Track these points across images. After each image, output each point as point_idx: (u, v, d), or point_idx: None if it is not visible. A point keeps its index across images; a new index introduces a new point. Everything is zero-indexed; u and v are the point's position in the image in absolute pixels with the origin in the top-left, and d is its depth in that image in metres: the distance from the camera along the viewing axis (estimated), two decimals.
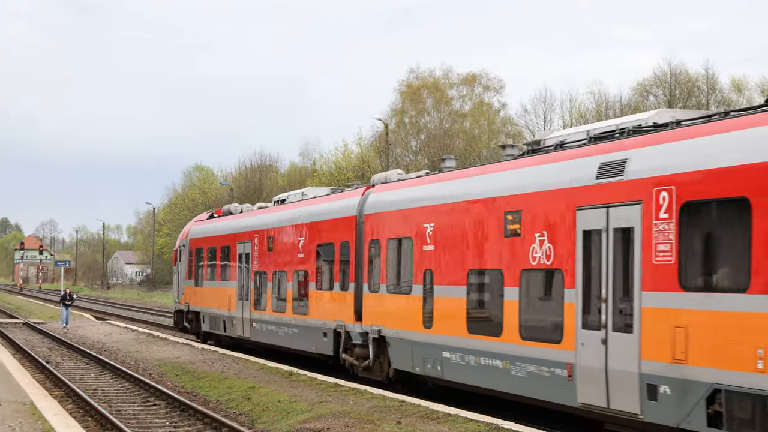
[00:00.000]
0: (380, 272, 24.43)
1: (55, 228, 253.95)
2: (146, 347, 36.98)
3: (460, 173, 22.39)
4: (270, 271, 32.12)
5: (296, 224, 30.32)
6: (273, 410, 20.22)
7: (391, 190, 24.99)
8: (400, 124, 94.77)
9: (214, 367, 28.88)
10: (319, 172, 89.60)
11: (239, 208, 38.65)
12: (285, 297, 30.68)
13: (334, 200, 28.37)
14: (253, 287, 33.41)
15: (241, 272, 34.68)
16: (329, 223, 27.83)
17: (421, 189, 23.31)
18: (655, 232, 15.10)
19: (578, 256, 16.88)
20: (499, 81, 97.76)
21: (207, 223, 40.75)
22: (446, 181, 22.36)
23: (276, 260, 31.68)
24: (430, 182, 23.34)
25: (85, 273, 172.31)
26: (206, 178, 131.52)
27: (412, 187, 24.00)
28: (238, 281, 34.86)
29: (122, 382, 27.07)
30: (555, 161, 18.36)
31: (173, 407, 21.98)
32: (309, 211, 29.81)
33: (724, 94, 76.46)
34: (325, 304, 27.73)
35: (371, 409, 19.25)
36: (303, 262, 29.50)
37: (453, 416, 18.18)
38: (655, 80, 77.12)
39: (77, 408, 21.97)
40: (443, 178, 22.82)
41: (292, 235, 30.56)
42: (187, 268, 41.48)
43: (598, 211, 16.46)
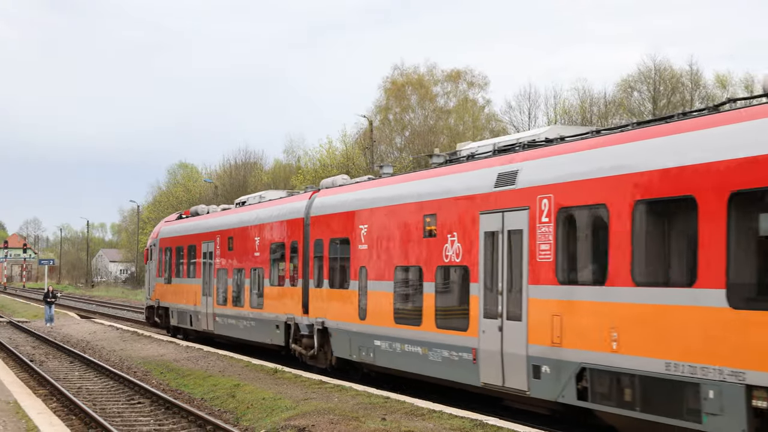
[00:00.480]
0: (323, 269, 26.98)
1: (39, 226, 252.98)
2: (130, 345, 36.92)
3: (391, 180, 25.07)
4: (230, 269, 34.53)
5: (253, 225, 32.80)
6: (258, 408, 20.22)
7: (333, 194, 27.48)
8: (384, 121, 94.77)
9: (199, 364, 28.86)
10: (303, 170, 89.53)
11: (206, 210, 40.93)
12: (243, 293, 33.11)
13: (285, 203, 30.89)
14: (216, 284, 35.83)
15: (205, 270, 37.01)
16: (281, 225, 30.30)
17: (357, 194, 25.76)
18: (538, 234, 17.77)
19: (480, 254, 19.51)
20: (484, 77, 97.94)
21: (175, 223, 43.32)
22: (378, 187, 24.95)
23: (235, 259, 34.15)
24: (365, 188, 25.80)
25: (69, 271, 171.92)
26: (190, 176, 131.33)
27: (350, 192, 26.43)
28: (203, 278, 37.24)
29: (106, 380, 27.03)
30: (464, 171, 21.00)
31: (158, 405, 21.96)
32: (264, 213, 32.24)
33: (708, 89, 76.64)
34: (277, 299, 30.21)
35: (356, 406, 19.27)
36: (259, 261, 32.01)
37: (437, 412, 18.21)
38: (639, 76, 77.30)
39: (61, 406, 21.93)
40: (377, 183, 25.42)
41: (249, 235, 33.02)
42: (157, 267, 44.01)
43: (495, 215, 19.16)
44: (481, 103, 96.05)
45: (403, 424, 17.08)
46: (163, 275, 43.03)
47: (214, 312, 35.85)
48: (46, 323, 50.08)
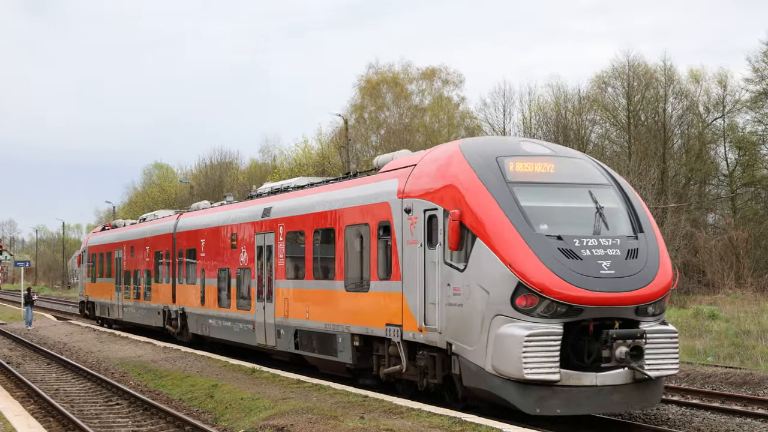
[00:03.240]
0: (184, 270, 36.71)
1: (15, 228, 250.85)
2: (108, 346, 36.85)
3: (218, 208, 35.27)
4: (132, 270, 44.49)
5: (143, 237, 43.08)
6: (236, 407, 20.24)
7: (190, 216, 37.60)
8: (359, 120, 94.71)
9: (176, 365, 28.84)
10: (279, 169, 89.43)
11: (123, 223, 51.62)
12: (140, 288, 43.12)
13: (162, 221, 41.39)
14: (123, 282, 45.99)
15: (116, 271, 47.32)
16: (158, 237, 40.50)
17: (201, 217, 35.90)
18: (279, 247, 27.38)
19: (255, 260, 29.22)
20: (459, 75, 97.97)
21: (100, 234, 53.93)
22: (211, 213, 35.16)
23: (134, 262, 44.13)
24: (206, 213, 36.05)
25: (45, 273, 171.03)
26: (166, 176, 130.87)
27: (197, 215, 36.74)
28: (115, 278, 47.39)
29: (84, 381, 26.97)
30: (249, 205, 31.06)
31: (136, 406, 21.94)
32: (149, 228, 42.64)
33: (682, 85, 76.99)
34: (158, 293, 40.20)
35: (334, 405, 19.33)
36: (148, 264, 41.86)
37: (416, 410, 18.28)
38: (613, 72, 77.53)
39: (39, 408, 21.88)
40: (211, 210, 35.85)
41: (141, 244, 43.22)
42: (86, 269, 54.54)
43: (260, 235, 28.93)
44: (456, 101, 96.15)
45: (382, 422, 17.14)
46: (90, 276, 53.55)
47: (123, 304, 46.20)
48: (27, 327, 49.69)
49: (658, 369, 17.94)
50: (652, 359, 17.81)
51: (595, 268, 17.68)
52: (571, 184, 19.35)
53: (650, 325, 18.04)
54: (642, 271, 18.07)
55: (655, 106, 76.16)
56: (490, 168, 18.98)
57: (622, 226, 18.93)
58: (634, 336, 17.50)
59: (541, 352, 17.23)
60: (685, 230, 64.60)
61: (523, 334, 17.21)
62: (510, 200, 18.36)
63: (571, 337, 17.68)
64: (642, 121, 76.13)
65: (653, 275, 18.13)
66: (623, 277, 17.80)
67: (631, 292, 17.71)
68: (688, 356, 29.71)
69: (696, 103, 76.80)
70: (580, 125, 78.82)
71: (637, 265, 18.13)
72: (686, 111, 76.76)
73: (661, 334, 18.10)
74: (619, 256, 18.07)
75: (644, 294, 17.84)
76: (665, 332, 18.21)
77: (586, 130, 79.23)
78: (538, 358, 17.21)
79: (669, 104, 76.09)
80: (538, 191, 18.95)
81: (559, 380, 17.35)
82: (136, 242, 43.79)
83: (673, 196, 69.85)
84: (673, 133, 76.53)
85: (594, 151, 78.30)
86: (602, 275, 17.62)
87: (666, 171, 72.48)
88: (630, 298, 17.70)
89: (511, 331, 17.44)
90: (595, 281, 17.50)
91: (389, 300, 21.13)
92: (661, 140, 74.04)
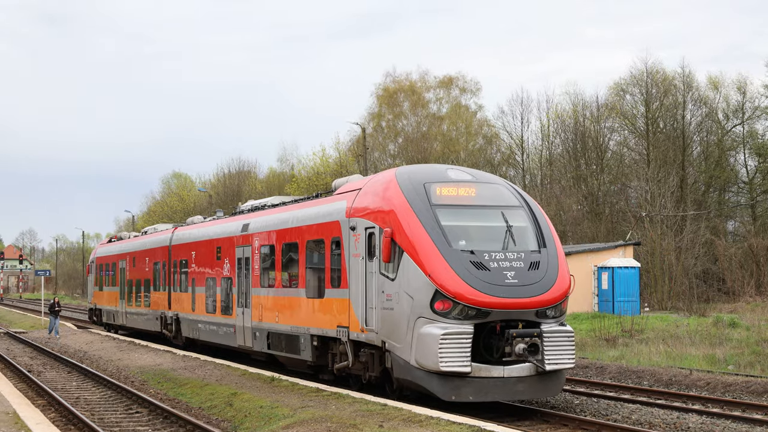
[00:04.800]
0: (177, 279, 39.76)
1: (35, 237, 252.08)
2: (128, 355, 36.96)
3: (207, 223, 38.27)
4: (134, 280, 47.27)
5: (144, 249, 46.04)
6: (255, 416, 20.28)
7: (184, 230, 40.63)
8: (377, 128, 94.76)
9: (196, 373, 28.91)
10: (297, 178, 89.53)
11: (128, 235, 54.60)
12: (140, 296, 46.11)
13: (159, 235, 44.51)
14: (126, 290, 48.96)
15: (121, 281, 50.24)
16: (156, 249, 43.68)
17: (192, 231, 38.88)
18: (254, 259, 30.47)
19: (235, 270, 32.16)
20: (476, 83, 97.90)
21: (107, 245, 57.17)
22: (201, 228, 37.99)
23: (136, 272, 47.02)
24: (197, 227, 38.77)
25: (65, 282, 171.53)
26: (184, 185, 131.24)
27: (189, 229, 39.61)
28: (120, 287, 50.43)
29: (104, 390, 27.07)
30: (231, 221, 34.11)
31: (156, 415, 22.01)
32: (149, 240, 45.85)
33: (701, 91, 76.71)
34: (156, 300, 43.14)
35: (353, 414, 19.34)
36: (147, 274, 44.93)
37: (435, 419, 18.29)
38: (631, 79, 77.37)
39: (60, 416, 21.97)
40: (202, 225, 38.56)
41: (143, 255, 46.13)
42: (94, 278, 58.03)
43: (240, 248, 31.89)
44: (474, 109, 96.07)
45: (401, 431, 17.14)
46: (98, 285, 56.90)
47: (126, 310, 49.18)
48: (55, 335, 49.39)
49: (556, 363, 20.76)
50: (550, 355, 20.66)
51: (501, 277, 20.60)
52: (488, 206, 22.26)
53: (549, 326, 20.88)
54: (542, 281, 20.94)
55: (673, 113, 75.92)
56: (417, 192, 21.97)
57: (528, 242, 21.83)
58: (531, 335, 20.45)
59: (455, 348, 20.15)
60: (704, 238, 64.36)
61: (439, 333, 20.18)
62: (432, 220, 21.33)
63: (483, 336, 20.58)
64: (661, 128, 75.89)
65: (552, 284, 21.02)
66: (525, 285, 20.70)
67: (532, 298, 20.63)
68: (709, 365, 29.60)
69: (715, 109, 76.54)
70: (598, 133, 78.66)
71: (538, 275, 20.99)
72: (705, 118, 76.49)
73: (558, 333, 20.93)
74: (522, 267, 20.97)
75: (543, 299, 20.75)
76: (562, 332, 21.03)
77: (604, 137, 79.08)
78: (452, 354, 20.12)
79: (688, 111, 75.86)
80: (458, 212, 21.94)
81: (470, 372, 20.21)
82: (138, 254, 46.99)
83: (693, 204, 69.63)
84: (692, 140, 76.27)
85: (612, 158, 78.21)
86: (507, 284, 20.56)
87: (685, 178, 72.26)
88: (530, 303, 20.61)
89: (430, 331, 20.38)
90: (500, 289, 20.43)
91: (339, 305, 24.28)
92: (680, 147, 73.80)
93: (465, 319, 20.35)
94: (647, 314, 47.98)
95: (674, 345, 33.77)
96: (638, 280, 51.30)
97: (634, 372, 28.91)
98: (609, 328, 38.79)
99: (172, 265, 40.51)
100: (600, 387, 26.58)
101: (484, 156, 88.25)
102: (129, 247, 49.58)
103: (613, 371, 29.53)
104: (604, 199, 75.90)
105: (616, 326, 39.29)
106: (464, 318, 20.35)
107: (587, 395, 24.77)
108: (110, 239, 58.49)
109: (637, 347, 34.30)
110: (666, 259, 60.26)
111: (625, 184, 74.34)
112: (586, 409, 22.33)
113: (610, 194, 75.95)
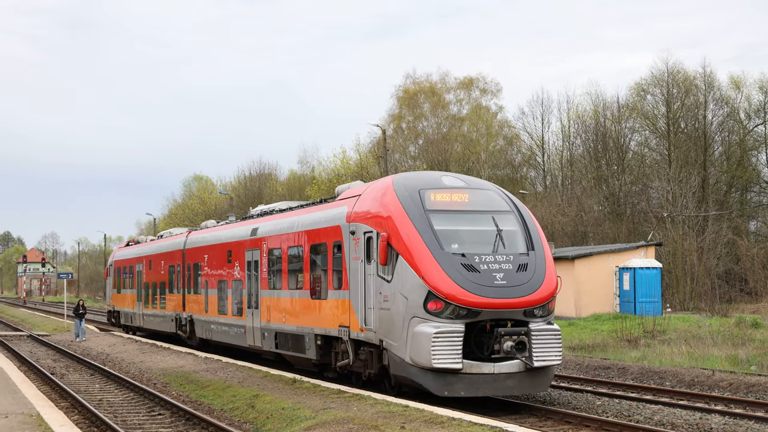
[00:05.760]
0: (191, 281, 40.83)
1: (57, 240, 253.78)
2: (150, 357, 37.08)
3: (219, 227, 39.54)
4: (150, 282, 48.31)
5: (160, 252, 47.16)
6: (277, 417, 20.32)
7: (197, 234, 41.82)
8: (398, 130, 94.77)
9: (218, 375, 29.00)
10: (318, 180, 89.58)
11: (145, 239, 55.66)
12: (156, 298, 47.07)
13: (174, 239, 45.66)
14: (143, 293, 50.06)
15: (137, 283, 51.28)
16: (171, 253, 44.75)
17: (205, 235, 40.10)
18: (263, 262, 31.41)
19: (246, 272, 33.09)
20: (496, 84, 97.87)
21: (124, 249, 58.20)
22: (212, 232, 39.34)
23: (152, 275, 48.20)
24: (208, 231, 40.38)
25: (87, 284, 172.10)
26: (206, 188, 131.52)
27: (202, 233, 40.96)
28: (136, 289, 51.53)
29: (127, 392, 27.18)
30: (241, 226, 35.15)
31: (178, 416, 22.09)
32: (164, 244, 47.06)
33: (722, 91, 76.40)
34: (171, 302, 44.21)
35: (375, 415, 19.36)
36: (162, 277, 45.99)
37: (457, 420, 18.28)
38: (652, 79, 77.12)
39: (83, 419, 22.08)
40: (213, 229, 39.97)
41: (158, 259, 47.28)
42: (113, 281, 58.97)
43: (249, 251, 32.87)
44: (494, 110, 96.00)
45: None
46: (116, 288, 57.77)
47: (143, 312, 50.25)
48: (81, 338, 49.39)
49: (543, 360, 21.63)
50: (538, 352, 21.51)
51: (490, 279, 21.50)
52: (479, 211, 23.23)
53: (537, 325, 21.77)
54: (530, 282, 21.81)
55: (695, 113, 75.62)
56: (412, 199, 23.01)
57: (517, 245, 22.71)
58: (519, 333, 21.37)
59: (447, 346, 21.11)
60: (726, 238, 64.09)
61: (432, 332, 21.14)
62: (426, 225, 22.33)
63: (474, 335, 21.51)
64: (682, 128, 75.61)
65: (539, 285, 21.90)
66: (513, 286, 21.61)
67: (519, 298, 21.53)
68: (731, 365, 29.49)
69: (737, 109, 76.23)
70: (619, 133, 78.46)
71: (526, 277, 21.86)
72: (727, 118, 76.18)
73: (545, 331, 21.78)
74: (510, 269, 21.87)
75: (530, 299, 21.65)
76: (549, 330, 21.89)
77: (625, 138, 78.86)
78: (444, 351, 21.09)
79: (709, 111, 75.57)
80: (451, 217, 22.90)
81: (461, 369, 21.16)
82: (154, 257, 48.23)
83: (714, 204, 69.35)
84: (713, 140, 75.96)
85: (633, 159, 77.97)
86: (496, 285, 21.47)
87: (707, 178, 71.96)
88: (518, 303, 21.53)
89: (423, 329, 21.35)
90: (489, 290, 21.35)
91: (341, 306, 25.29)
92: (702, 147, 73.51)
93: (456, 318, 21.31)
94: (669, 315, 47.82)
95: (696, 346, 33.65)
96: (660, 280, 51.13)
97: (656, 373, 28.83)
98: (631, 329, 38.69)
99: (187, 268, 41.68)
100: (622, 388, 26.53)
101: (504, 157, 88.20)
102: (145, 251, 50.70)
103: (635, 372, 29.46)
104: (625, 200, 75.70)
105: (638, 327, 39.17)
106: (456, 317, 21.31)
107: (609, 396, 24.73)
108: (128, 243, 59.68)
109: (659, 348, 34.20)
110: (688, 260, 60.07)
111: (646, 185, 74.12)
112: (608, 410, 22.30)
113: (632, 195, 75.74)
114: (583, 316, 49.41)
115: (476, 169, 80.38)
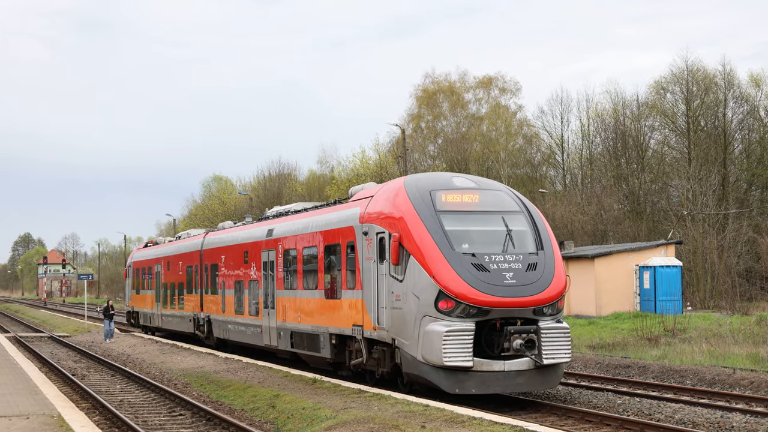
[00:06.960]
0: (208, 282, 41.33)
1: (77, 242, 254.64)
2: (170, 358, 37.18)
3: (236, 228, 39.85)
4: (169, 283, 48.83)
5: (178, 253, 47.56)
6: (298, 417, 20.34)
7: (214, 235, 42.30)
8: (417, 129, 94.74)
9: (238, 375, 29.05)
10: (337, 179, 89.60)
11: (163, 240, 56.24)
12: (174, 299, 47.62)
13: (192, 240, 46.26)
14: (161, 293, 50.59)
15: (156, 284, 51.78)
16: (189, 253, 45.22)
17: (222, 236, 40.53)
18: (279, 262, 31.82)
19: (262, 273, 33.54)
20: (515, 83, 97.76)
21: (143, 250, 58.48)
22: (230, 233, 39.71)
23: (170, 276, 48.63)
24: (226, 232, 40.65)
25: (108, 285, 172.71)
26: (225, 188, 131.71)
27: (219, 234, 41.36)
28: (155, 290, 52.02)
29: (148, 393, 27.26)
30: (258, 227, 35.43)
31: (199, 417, 22.14)
32: (182, 245, 47.50)
33: (742, 89, 76.08)
34: (189, 302, 44.79)
35: (395, 414, 19.36)
36: (180, 277, 46.53)
37: (477, 419, 18.27)
38: (671, 77, 76.87)
39: (104, 419, 22.16)
40: (231, 230, 40.35)
41: (175, 260, 47.94)
42: (131, 282, 59.36)
43: (265, 251, 33.31)
44: (513, 109, 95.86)
45: (443, 431, 17.14)
46: (135, 288, 58.31)
47: (161, 313, 50.68)
48: (111, 340, 49.24)
49: (552, 357, 22.04)
50: (547, 350, 21.92)
51: (500, 278, 21.86)
52: (490, 211, 23.56)
53: (546, 323, 22.18)
54: (539, 281, 22.17)
55: (714, 111, 75.33)
56: (423, 200, 23.38)
57: (527, 244, 23.05)
58: (528, 331, 21.77)
59: (457, 344, 21.47)
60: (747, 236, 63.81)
61: (443, 330, 21.52)
62: (437, 226, 22.69)
63: (484, 333, 21.88)
64: (702, 126, 75.32)
65: (548, 283, 22.24)
66: (522, 285, 21.95)
67: (529, 297, 21.88)
68: (753, 363, 29.35)
69: (757, 107, 75.87)
70: (638, 131, 78.22)
71: (535, 276, 22.22)
72: (747, 115, 75.86)
73: (554, 329, 22.19)
74: (520, 269, 22.23)
75: (540, 298, 22.01)
76: (558, 328, 22.29)
77: (644, 136, 78.62)
78: (455, 349, 21.46)
79: (729, 109, 75.26)
80: (461, 218, 23.26)
81: (472, 366, 21.53)
82: (172, 258, 48.73)
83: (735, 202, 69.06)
84: (733, 138, 75.68)
85: (653, 157, 77.71)
86: (505, 284, 21.82)
87: (727, 176, 71.67)
88: (527, 302, 21.90)
89: (434, 328, 21.75)
90: (499, 289, 21.69)
91: (354, 305, 25.69)
92: (722, 145, 73.24)
93: (467, 317, 21.72)
94: (690, 313, 47.65)
95: (717, 344, 33.51)
96: (680, 279, 50.92)
97: (677, 371, 28.74)
98: (651, 328, 38.57)
99: (204, 268, 42.15)
100: (643, 386, 26.46)
101: (524, 156, 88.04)
102: (164, 252, 51.20)
103: (655, 371, 29.37)
104: (645, 198, 75.47)
105: (659, 326, 39.05)
106: (466, 316, 21.71)
107: (630, 395, 24.66)
108: (146, 244, 60.19)
109: (680, 346, 34.08)
110: (708, 258, 59.82)
111: (666, 183, 73.88)
112: (629, 409, 22.25)
113: (651, 193, 75.50)
114: (603, 314, 49.29)
115: (495, 168, 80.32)
